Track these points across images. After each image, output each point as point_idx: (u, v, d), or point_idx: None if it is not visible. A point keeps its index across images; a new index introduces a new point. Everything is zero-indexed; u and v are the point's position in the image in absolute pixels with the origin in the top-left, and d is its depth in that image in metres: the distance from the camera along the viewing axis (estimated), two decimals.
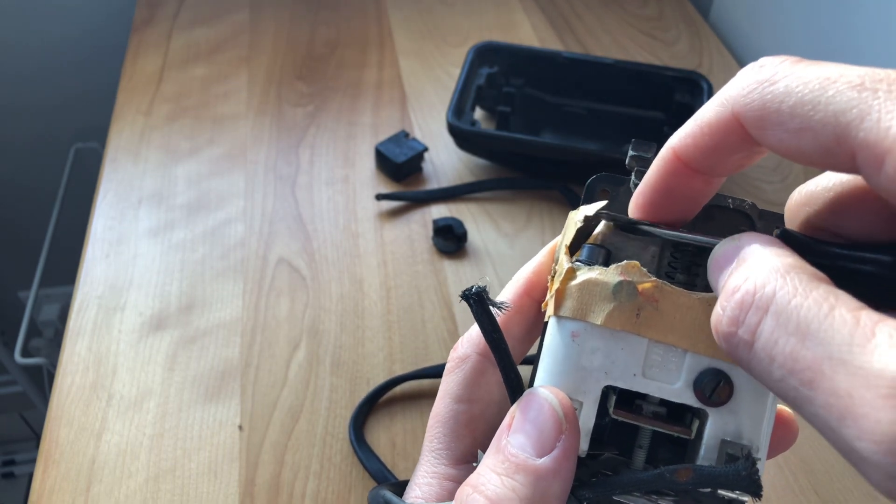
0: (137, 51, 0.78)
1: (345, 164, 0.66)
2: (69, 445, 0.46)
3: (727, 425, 0.20)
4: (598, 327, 0.20)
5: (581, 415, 0.21)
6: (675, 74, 0.66)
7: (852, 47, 0.65)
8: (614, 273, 0.21)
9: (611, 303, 0.20)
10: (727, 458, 0.20)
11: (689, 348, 0.20)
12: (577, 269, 0.21)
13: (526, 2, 0.87)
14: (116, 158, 0.66)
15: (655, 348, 0.20)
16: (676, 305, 0.20)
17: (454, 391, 0.24)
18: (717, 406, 0.20)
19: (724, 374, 0.20)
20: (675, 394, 0.20)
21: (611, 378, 0.20)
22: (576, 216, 0.23)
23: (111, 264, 0.57)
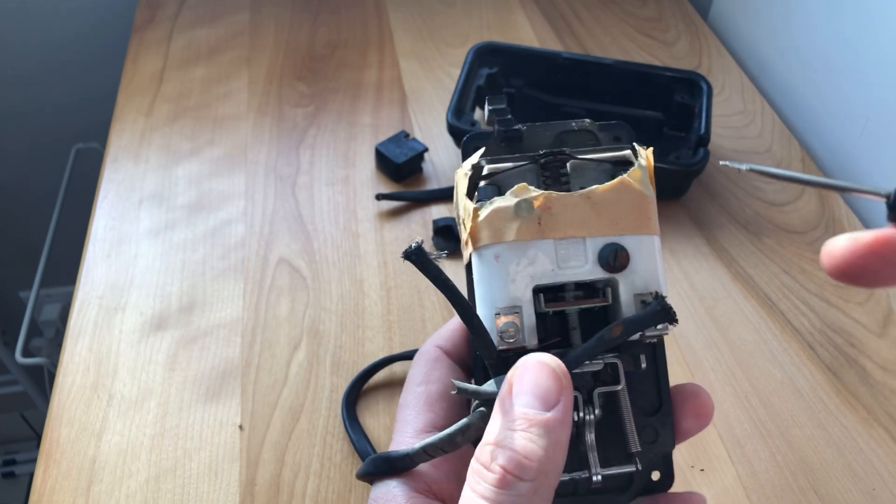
0: (138, 51, 0.78)
1: (345, 165, 0.66)
2: (70, 445, 0.46)
3: (634, 282, 0.25)
4: (513, 243, 0.25)
5: (524, 318, 0.25)
6: (675, 75, 0.67)
7: (852, 47, 0.65)
8: (511, 197, 0.25)
9: (516, 221, 0.25)
10: (642, 305, 0.25)
11: (586, 235, 0.25)
12: (480, 207, 0.25)
13: (526, 2, 0.87)
14: (117, 159, 0.66)
15: (561, 245, 0.25)
16: (565, 205, 0.25)
17: (415, 377, 0.27)
18: (621, 270, 0.25)
19: (619, 245, 0.25)
20: (587, 273, 0.25)
21: (535, 279, 0.25)
22: (462, 170, 0.27)
23: (112, 264, 0.57)
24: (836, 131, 0.68)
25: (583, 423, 0.25)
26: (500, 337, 0.24)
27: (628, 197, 0.25)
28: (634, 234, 0.25)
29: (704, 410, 0.27)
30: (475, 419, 0.24)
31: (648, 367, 0.26)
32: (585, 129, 0.28)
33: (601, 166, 0.27)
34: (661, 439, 0.27)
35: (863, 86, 0.64)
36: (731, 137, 0.70)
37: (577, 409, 0.25)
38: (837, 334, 0.54)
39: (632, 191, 0.25)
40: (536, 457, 0.21)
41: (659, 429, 0.27)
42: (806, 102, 0.73)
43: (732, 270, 0.58)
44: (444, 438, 0.24)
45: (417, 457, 0.24)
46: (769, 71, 0.78)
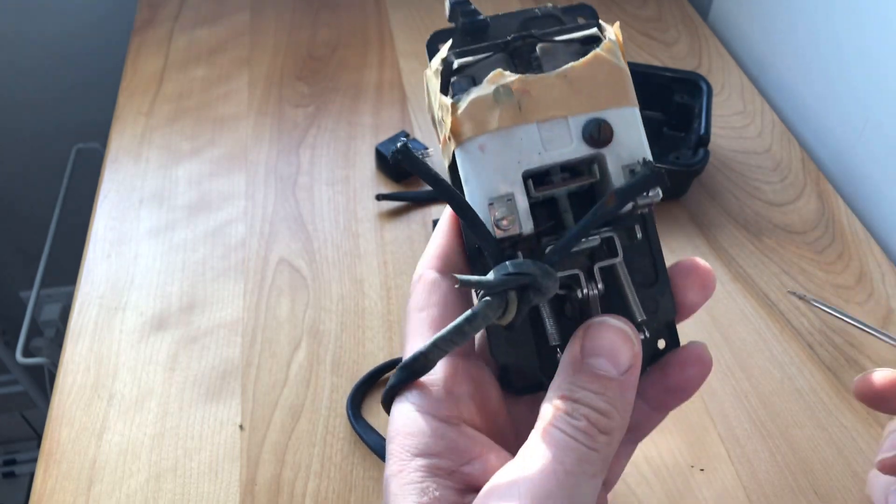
0: (138, 51, 0.78)
1: (345, 165, 0.66)
2: (70, 445, 0.46)
3: (620, 154, 0.25)
4: (496, 132, 0.24)
5: (517, 204, 0.25)
6: (675, 75, 0.67)
7: (852, 47, 0.65)
8: (487, 85, 0.25)
9: (496, 108, 0.24)
10: (631, 174, 0.25)
11: (567, 114, 0.25)
12: (457, 102, 0.25)
13: (526, 2, 0.87)
14: (117, 159, 0.66)
15: (544, 127, 0.25)
16: (543, 87, 0.25)
17: (416, 304, 0.27)
18: (606, 144, 0.25)
19: (601, 119, 0.25)
20: (573, 151, 0.25)
21: (523, 164, 0.25)
22: (431, 68, 0.27)
23: (112, 264, 0.57)
24: (836, 131, 0.68)
25: (587, 299, 0.25)
26: (496, 226, 0.24)
27: (604, 70, 0.25)
28: (614, 107, 0.25)
29: (706, 280, 0.27)
30: (481, 308, 0.23)
31: (641, 241, 0.27)
32: (549, 13, 0.28)
33: (570, 47, 0.26)
34: (661, 308, 0.27)
35: (863, 86, 0.64)
36: (731, 137, 0.70)
37: (581, 286, 0.25)
38: (837, 334, 0.54)
39: (607, 64, 0.25)
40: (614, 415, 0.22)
41: (658, 298, 0.27)
42: (806, 102, 0.73)
43: (732, 270, 0.58)
44: (452, 329, 0.23)
45: (431, 353, 0.24)
46: (769, 71, 0.78)
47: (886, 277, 0.58)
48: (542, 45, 0.26)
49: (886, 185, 0.62)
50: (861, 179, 0.65)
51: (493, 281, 0.24)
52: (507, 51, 0.26)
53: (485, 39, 0.27)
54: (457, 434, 0.24)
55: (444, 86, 0.26)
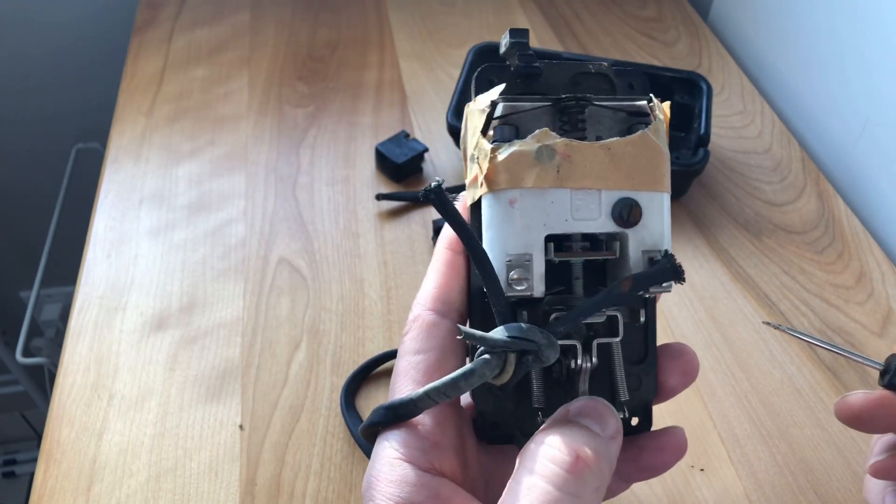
0: (138, 52, 0.78)
1: (345, 165, 0.66)
2: (70, 445, 0.46)
3: (644, 239, 0.25)
4: (530, 190, 0.24)
5: (534, 266, 0.25)
6: (675, 75, 0.67)
7: (852, 47, 0.65)
8: (532, 142, 0.25)
9: (535, 167, 0.24)
10: (650, 262, 0.25)
11: (602, 187, 0.25)
12: (497, 148, 0.25)
13: (526, 3, 0.87)
14: (117, 159, 0.66)
15: (577, 195, 0.25)
16: (585, 156, 0.25)
17: (410, 346, 0.26)
18: (633, 226, 0.25)
19: (633, 201, 0.25)
20: (599, 226, 0.25)
21: (549, 228, 0.25)
22: (477, 105, 0.26)
23: (112, 264, 0.57)
24: (836, 131, 0.68)
25: (579, 370, 0.26)
26: (509, 283, 0.24)
27: (647, 151, 0.25)
28: (649, 189, 0.25)
29: (690, 367, 0.28)
30: (479, 366, 0.24)
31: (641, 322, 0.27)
32: (602, 72, 0.28)
33: (617, 115, 0.26)
34: (643, 387, 0.28)
35: (863, 86, 0.64)
36: (731, 137, 0.70)
37: (575, 357, 0.26)
38: (837, 334, 0.54)
39: (651, 145, 0.25)
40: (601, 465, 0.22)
41: (643, 377, 0.28)
42: (806, 102, 0.73)
43: (732, 270, 0.58)
44: (447, 383, 0.24)
45: (421, 402, 0.24)
46: (769, 71, 0.78)
47: (886, 277, 0.58)
48: (590, 108, 0.26)
49: (886, 185, 0.62)
50: (861, 179, 0.65)
51: (497, 340, 0.24)
52: (556, 106, 0.26)
53: (535, 86, 0.27)
54: (438, 485, 0.24)
55: (486, 128, 0.26)
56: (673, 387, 0.28)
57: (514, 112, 0.26)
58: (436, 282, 0.28)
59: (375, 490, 0.24)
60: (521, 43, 0.27)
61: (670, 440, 0.27)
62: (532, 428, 0.25)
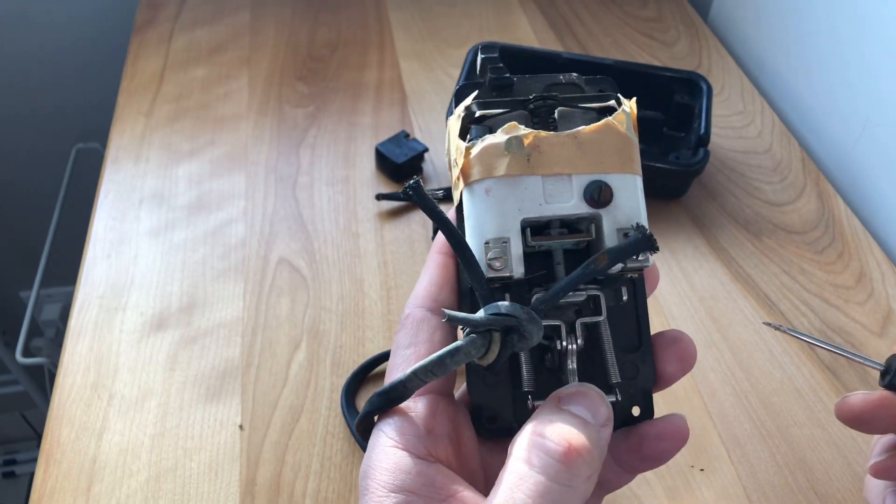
0: (138, 52, 0.78)
1: (345, 165, 0.66)
2: (70, 445, 0.46)
3: (617, 217, 0.26)
4: (503, 178, 0.26)
5: (511, 247, 0.26)
6: (675, 75, 0.67)
7: (852, 47, 0.65)
8: (501, 134, 0.26)
9: (506, 157, 0.26)
10: (624, 238, 0.26)
11: (572, 172, 0.26)
12: (472, 145, 0.26)
13: (526, 3, 0.87)
14: (117, 159, 0.66)
15: (548, 181, 0.26)
16: (553, 145, 0.26)
17: (402, 341, 0.27)
18: (605, 206, 0.26)
19: (603, 182, 0.26)
20: (572, 208, 0.26)
21: (523, 213, 0.26)
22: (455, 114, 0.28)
23: (112, 264, 0.57)
24: (836, 131, 0.68)
25: (565, 352, 0.26)
26: (489, 265, 0.25)
27: (613, 138, 0.26)
28: (618, 172, 0.26)
29: (687, 354, 0.28)
30: (464, 344, 0.24)
31: (629, 305, 0.28)
32: (572, 81, 0.29)
33: (587, 114, 0.28)
34: (641, 375, 0.28)
35: (863, 86, 0.64)
36: (731, 137, 0.70)
37: (560, 338, 0.26)
38: (837, 334, 0.54)
39: (616, 132, 0.26)
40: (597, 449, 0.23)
41: (639, 365, 0.28)
42: (806, 102, 0.73)
43: (732, 270, 0.58)
44: (434, 360, 0.24)
45: (410, 382, 0.24)
46: (769, 71, 0.78)
47: (886, 277, 0.58)
48: (561, 109, 0.27)
49: (886, 185, 0.62)
50: (861, 179, 0.65)
51: (479, 319, 0.24)
52: (527, 108, 0.27)
53: (509, 96, 0.29)
54: (434, 472, 0.24)
55: (462, 131, 0.27)
56: (671, 374, 0.28)
57: (488, 117, 0.27)
58: (426, 281, 0.28)
59: (371, 479, 0.24)
60: (492, 58, 0.29)
61: (670, 427, 0.27)
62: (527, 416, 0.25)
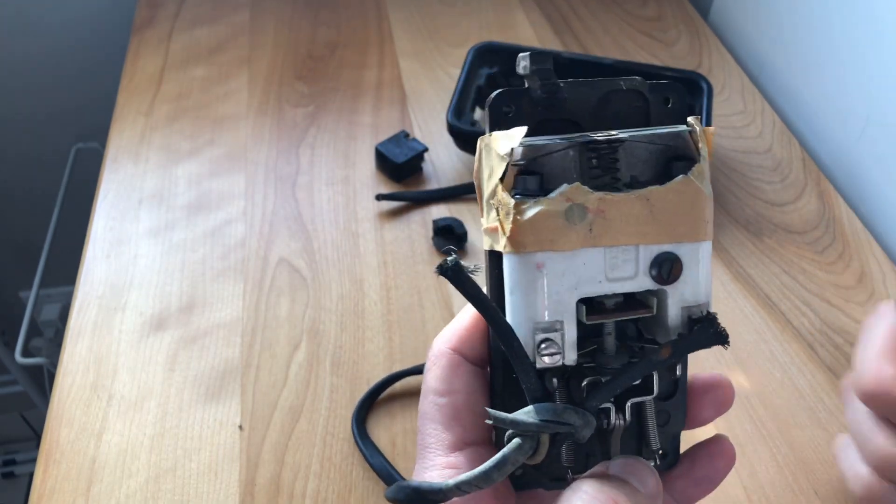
0: (138, 51, 0.78)
1: (345, 165, 0.66)
2: (70, 445, 0.46)
3: (683, 294, 0.23)
4: (559, 252, 0.22)
5: (565, 332, 0.23)
6: (675, 75, 0.67)
7: (853, 47, 0.65)
8: (561, 200, 0.22)
9: (565, 228, 0.22)
10: (690, 321, 0.23)
11: (640, 242, 0.22)
12: (522, 204, 0.22)
13: (526, 2, 0.87)
14: (117, 159, 0.66)
15: (611, 252, 0.22)
16: (621, 210, 0.22)
17: (434, 386, 0.25)
18: (673, 283, 0.23)
19: (674, 256, 0.23)
20: (636, 285, 0.23)
21: (580, 292, 0.23)
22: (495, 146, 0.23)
23: (112, 264, 0.57)
24: (836, 131, 0.68)
25: (612, 429, 0.25)
26: (538, 353, 0.22)
27: (689, 198, 0.23)
28: (691, 241, 0.23)
29: (725, 401, 0.27)
30: (511, 452, 0.22)
31: None
32: (635, 88, 0.25)
33: (653, 147, 0.24)
34: (672, 421, 0.26)
35: (863, 86, 0.64)
36: (731, 137, 0.70)
37: (609, 419, 0.24)
38: (837, 334, 0.54)
39: (694, 191, 0.23)
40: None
41: (671, 412, 0.26)
42: (806, 102, 0.72)
43: (732, 270, 0.58)
44: (479, 476, 0.22)
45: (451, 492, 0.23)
46: (769, 71, 0.78)
47: (887, 277, 0.57)
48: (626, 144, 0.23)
49: (887, 185, 0.62)
50: (861, 179, 0.65)
51: (529, 425, 0.22)
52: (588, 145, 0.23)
53: (558, 110, 0.25)
54: None
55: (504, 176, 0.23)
56: (705, 418, 0.27)
57: (536, 155, 0.23)
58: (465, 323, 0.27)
59: None
60: (544, 69, 0.24)
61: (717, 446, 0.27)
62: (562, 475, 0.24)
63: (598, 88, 0.25)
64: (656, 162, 0.23)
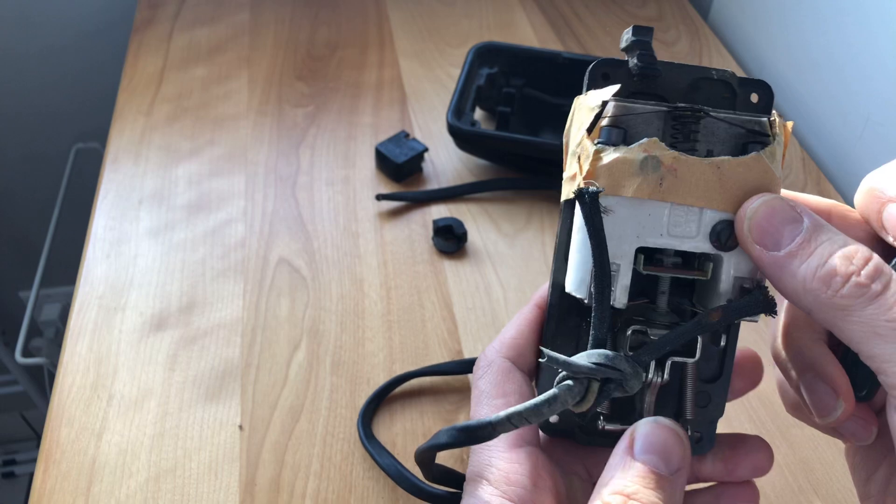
0: (138, 51, 0.78)
1: (345, 165, 0.66)
2: (70, 445, 0.46)
3: (739, 265, 0.24)
4: (627, 199, 0.23)
5: (620, 276, 0.24)
6: None
7: (853, 47, 0.65)
8: (639, 150, 0.23)
9: (638, 177, 0.23)
10: (741, 290, 0.24)
11: (705, 205, 0.23)
12: (601, 151, 0.23)
13: (526, 2, 0.87)
14: (117, 159, 0.66)
15: (677, 210, 0.23)
16: (692, 172, 0.23)
17: (488, 390, 0.27)
18: (730, 250, 0.24)
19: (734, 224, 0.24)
20: (695, 245, 0.24)
21: (641, 240, 0.24)
22: (587, 101, 0.25)
23: (112, 264, 0.57)
24: (836, 131, 0.68)
25: (649, 384, 0.25)
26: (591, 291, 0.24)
27: (758, 174, 0.24)
28: None
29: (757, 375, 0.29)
30: (562, 391, 0.23)
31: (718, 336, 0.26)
32: (725, 79, 0.26)
33: (733, 129, 0.25)
34: (712, 405, 0.27)
35: (863, 86, 0.64)
36: None
37: (647, 371, 0.25)
38: None
39: (764, 169, 0.24)
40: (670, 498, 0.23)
41: (713, 396, 0.27)
42: (806, 102, 0.73)
43: None
44: (530, 408, 0.23)
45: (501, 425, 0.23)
46: (769, 71, 0.78)
47: None
48: (705, 120, 0.25)
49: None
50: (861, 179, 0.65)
51: (581, 366, 0.23)
52: (670, 113, 0.25)
53: (651, 86, 0.26)
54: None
55: (592, 127, 0.24)
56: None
57: (625, 114, 0.24)
58: (515, 331, 0.28)
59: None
60: (644, 42, 0.25)
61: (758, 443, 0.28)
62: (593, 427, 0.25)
63: (691, 73, 0.26)
64: (734, 143, 0.24)
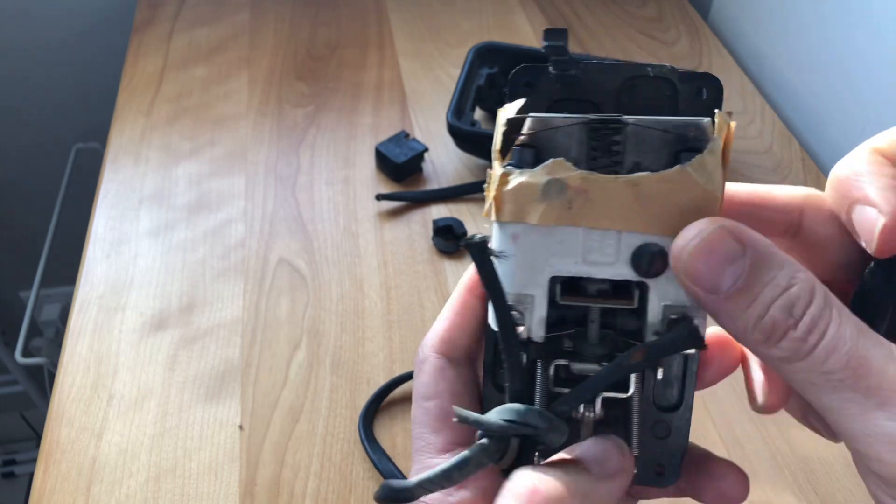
0: (138, 51, 0.78)
1: (345, 165, 0.66)
2: (70, 445, 0.46)
3: (666, 292, 0.22)
4: (536, 226, 0.22)
5: (534, 306, 0.22)
6: None
7: (853, 47, 0.65)
8: (542, 173, 0.21)
9: (542, 202, 0.21)
10: (670, 321, 0.22)
11: (623, 228, 0.21)
12: (509, 174, 0.22)
13: (526, 2, 0.87)
14: (117, 159, 0.66)
15: (591, 234, 0.21)
16: (605, 192, 0.21)
17: (421, 391, 0.26)
18: (655, 276, 0.21)
19: (658, 248, 0.21)
20: (615, 272, 0.22)
21: (554, 269, 0.22)
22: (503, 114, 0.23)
23: (112, 264, 0.57)
24: (836, 131, 0.68)
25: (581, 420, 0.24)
26: None
27: (685, 192, 0.21)
28: None
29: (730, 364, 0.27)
30: (475, 453, 0.22)
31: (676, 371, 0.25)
32: (664, 76, 0.24)
33: (667, 136, 0.22)
34: (672, 437, 0.25)
35: (863, 86, 0.64)
36: None
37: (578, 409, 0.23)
38: None
39: (688, 183, 0.21)
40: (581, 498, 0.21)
41: (673, 425, 0.25)
42: (806, 102, 0.73)
43: None
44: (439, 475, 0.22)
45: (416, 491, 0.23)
46: (769, 71, 0.78)
47: None
48: (632, 127, 0.22)
49: None
50: None
51: (493, 425, 0.22)
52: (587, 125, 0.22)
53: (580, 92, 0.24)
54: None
55: (504, 148, 0.22)
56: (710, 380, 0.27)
57: (541, 129, 0.22)
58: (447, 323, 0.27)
59: None
60: (557, 46, 0.23)
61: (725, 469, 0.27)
62: None
63: (621, 72, 0.24)
64: (669, 152, 0.22)
